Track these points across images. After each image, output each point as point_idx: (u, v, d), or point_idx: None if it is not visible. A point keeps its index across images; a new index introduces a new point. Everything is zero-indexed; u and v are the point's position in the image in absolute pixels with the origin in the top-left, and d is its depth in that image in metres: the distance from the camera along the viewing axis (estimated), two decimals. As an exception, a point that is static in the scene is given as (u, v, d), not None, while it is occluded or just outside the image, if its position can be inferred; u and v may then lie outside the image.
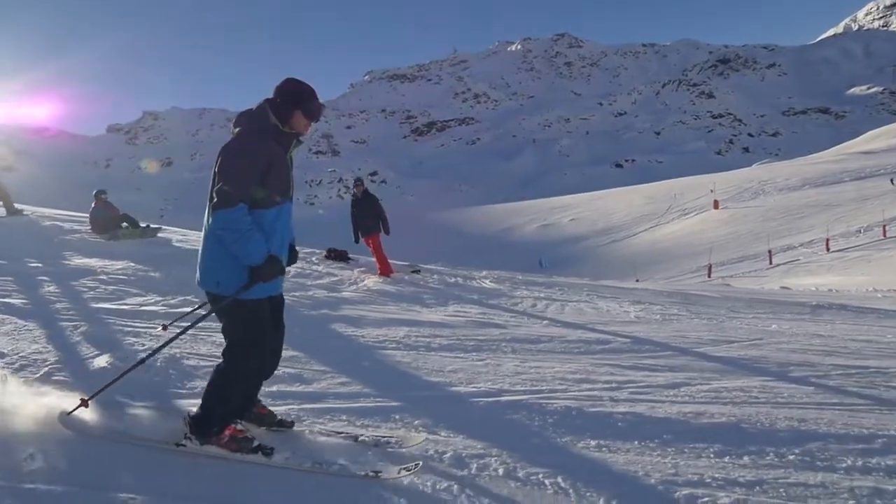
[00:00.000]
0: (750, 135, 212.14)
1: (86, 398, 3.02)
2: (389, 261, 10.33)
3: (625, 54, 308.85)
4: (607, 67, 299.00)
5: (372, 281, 9.31)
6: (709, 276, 29.60)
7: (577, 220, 55.60)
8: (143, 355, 3.22)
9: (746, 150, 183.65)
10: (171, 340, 3.30)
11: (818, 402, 4.13)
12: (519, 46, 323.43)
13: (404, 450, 3.09)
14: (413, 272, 10.85)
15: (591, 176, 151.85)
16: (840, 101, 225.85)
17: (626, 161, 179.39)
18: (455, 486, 2.78)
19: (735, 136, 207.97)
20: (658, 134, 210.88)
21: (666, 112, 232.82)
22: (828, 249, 30.79)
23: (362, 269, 10.46)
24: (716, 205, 45.89)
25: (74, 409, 3.00)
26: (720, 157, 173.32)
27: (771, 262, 30.42)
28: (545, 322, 7.08)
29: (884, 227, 31.56)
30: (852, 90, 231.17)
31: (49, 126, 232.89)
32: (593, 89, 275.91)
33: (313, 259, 11.14)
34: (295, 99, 2.93)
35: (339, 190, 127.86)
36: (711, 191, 48.23)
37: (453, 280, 10.35)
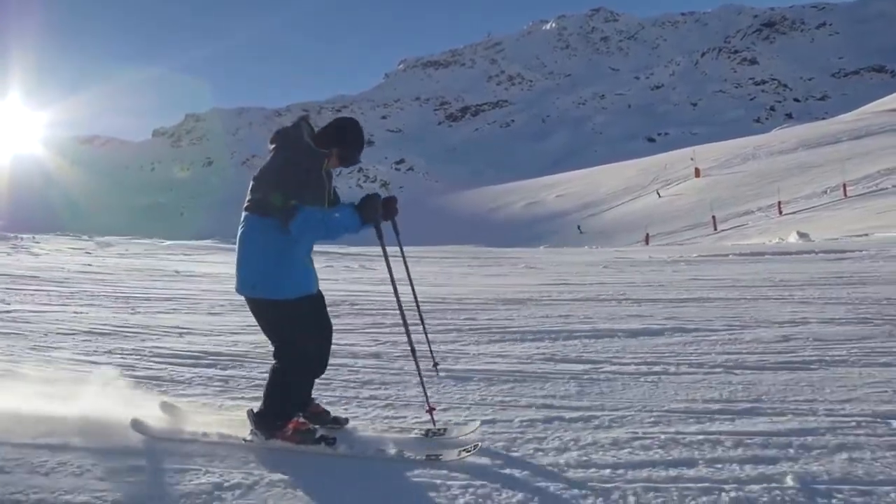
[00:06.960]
0: (796, 100, 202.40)
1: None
2: None
3: (663, 25, 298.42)
4: (645, 40, 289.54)
5: None
6: (646, 244, 29.11)
7: (563, 196, 54.81)
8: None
9: (789, 115, 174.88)
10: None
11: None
12: (554, 25, 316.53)
13: (459, 438, 3.11)
14: None
15: (622, 152, 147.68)
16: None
17: (660, 135, 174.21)
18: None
19: (778, 102, 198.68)
20: (695, 105, 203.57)
21: (705, 82, 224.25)
22: (780, 213, 29.71)
23: None
24: (697, 173, 44.40)
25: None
26: (759, 125, 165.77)
27: (716, 228, 29.58)
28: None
29: (843, 185, 30.10)
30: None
31: (99, 134, 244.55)
32: (631, 63, 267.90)
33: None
34: (339, 138, 3.02)
35: (359, 179, 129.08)
36: (692, 159, 46.70)
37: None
